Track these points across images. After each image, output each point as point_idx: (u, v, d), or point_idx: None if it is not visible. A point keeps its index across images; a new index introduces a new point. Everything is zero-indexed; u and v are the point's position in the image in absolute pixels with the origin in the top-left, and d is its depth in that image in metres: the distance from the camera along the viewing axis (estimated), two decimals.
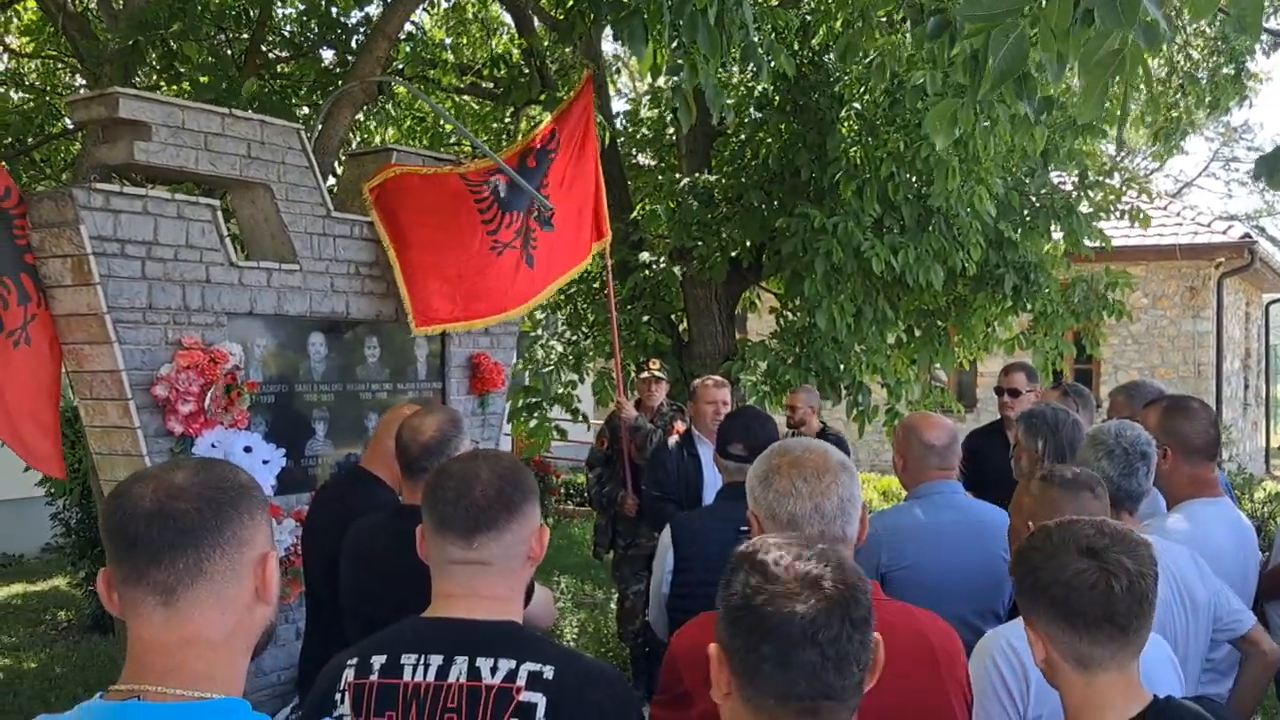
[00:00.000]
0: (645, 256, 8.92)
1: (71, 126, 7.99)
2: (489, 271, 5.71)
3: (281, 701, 4.89)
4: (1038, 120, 3.86)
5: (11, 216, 4.40)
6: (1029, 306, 8.84)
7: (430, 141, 10.36)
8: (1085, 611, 1.89)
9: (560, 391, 9.14)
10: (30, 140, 8.25)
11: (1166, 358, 16.86)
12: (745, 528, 3.44)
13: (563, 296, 9.90)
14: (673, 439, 6.13)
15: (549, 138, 6.19)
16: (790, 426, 6.78)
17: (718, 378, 6.28)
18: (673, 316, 9.34)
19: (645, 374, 6.97)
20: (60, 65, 9.09)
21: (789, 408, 7.05)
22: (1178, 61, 10.49)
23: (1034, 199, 8.89)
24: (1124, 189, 9.54)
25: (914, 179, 7.71)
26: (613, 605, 7.91)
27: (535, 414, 9.02)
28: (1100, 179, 9.38)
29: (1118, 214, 9.48)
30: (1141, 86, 10.37)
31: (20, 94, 8.95)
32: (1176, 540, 3.16)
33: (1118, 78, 2.85)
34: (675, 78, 5.21)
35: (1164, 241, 16.06)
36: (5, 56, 8.94)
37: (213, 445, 4.54)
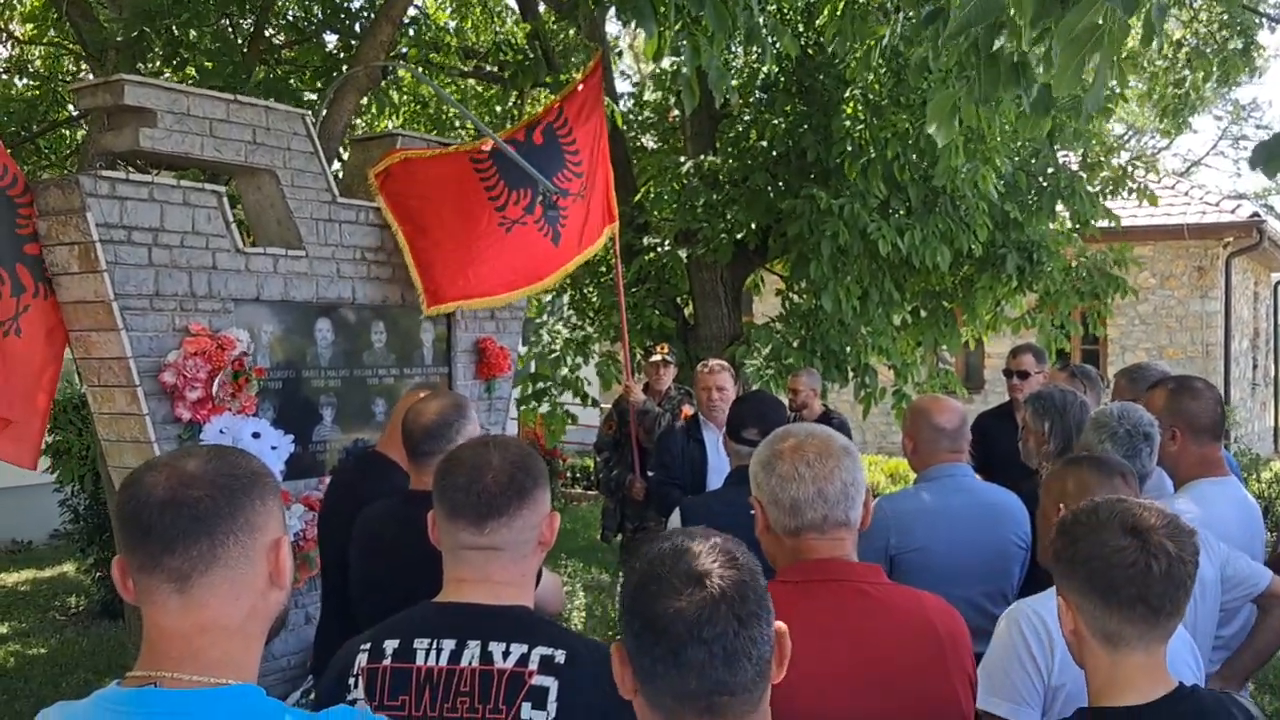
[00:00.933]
0: (650, 239, 8.91)
1: (76, 114, 7.98)
2: (499, 248, 5.71)
3: (291, 686, 4.91)
4: (1045, 111, 3.81)
5: (16, 204, 4.40)
6: (1033, 287, 8.82)
7: (433, 127, 10.34)
8: (1120, 589, 1.88)
9: (568, 376, 9.15)
10: (35, 128, 8.25)
11: (1174, 338, 16.82)
12: (754, 511, 3.46)
13: (568, 281, 9.91)
14: (680, 423, 6.13)
15: (556, 113, 6.18)
16: (792, 410, 6.76)
17: (717, 361, 6.25)
18: (678, 299, 9.34)
19: (654, 358, 6.97)
20: (64, 52, 9.07)
21: (791, 391, 7.04)
22: (1185, 36, 10.43)
23: (1041, 179, 8.87)
24: (1131, 168, 9.51)
25: (919, 159, 7.69)
26: (620, 588, 7.94)
27: (544, 399, 9.03)
28: (1102, 159, 9.35)
29: (1125, 193, 9.45)
30: (1145, 64, 10.33)
31: (24, 81, 8.94)
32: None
33: (1097, 54, 2.82)
34: (678, 59, 5.17)
35: (1172, 221, 15.99)
36: (9, 44, 8.92)
37: (221, 431, 4.55)
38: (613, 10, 5.90)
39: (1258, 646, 3.27)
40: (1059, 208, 8.94)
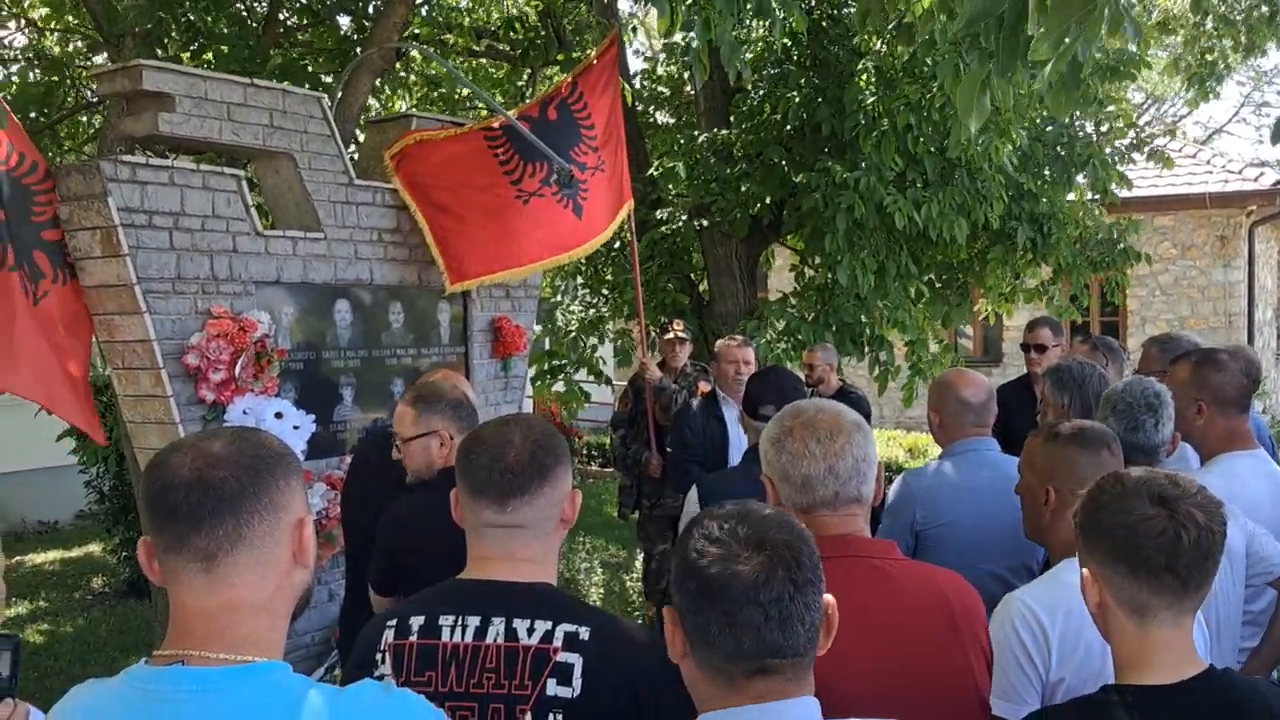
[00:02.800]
0: (663, 214, 8.89)
1: (94, 99, 8.01)
2: (518, 221, 5.71)
3: (316, 662, 4.98)
4: (1075, 87, 3.74)
5: (34, 192, 4.43)
6: (1046, 259, 8.77)
7: (447, 107, 10.33)
8: (1149, 558, 1.85)
9: (584, 353, 9.16)
10: (53, 114, 8.28)
11: (1196, 308, 16.69)
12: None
13: (582, 259, 9.92)
14: (696, 400, 6.13)
15: (570, 88, 6.17)
16: (809, 385, 6.73)
17: (741, 337, 6.24)
18: (692, 275, 9.32)
19: (669, 334, 6.96)
20: (82, 38, 9.10)
21: (806, 366, 7.00)
22: (1214, 3, 10.28)
23: (1058, 149, 8.80)
24: (1147, 135, 9.41)
25: (932, 130, 7.63)
26: (638, 564, 7.98)
27: (559, 376, 9.04)
28: (1116, 125, 9.26)
29: (1142, 156, 9.37)
30: (1180, 31, 10.20)
31: (43, 68, 8.97)
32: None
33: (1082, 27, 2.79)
34: (689, 34, 5.13)
35: (1193, 190, 15.83)
36: (27, 31, 8.94)
37: (244, 412, 4.60)
38: None
39: (1277, 635, 3.20)
40: (1079, 179, 8.87)
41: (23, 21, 8.65)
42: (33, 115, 7.67)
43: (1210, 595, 1.94)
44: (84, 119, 9.06)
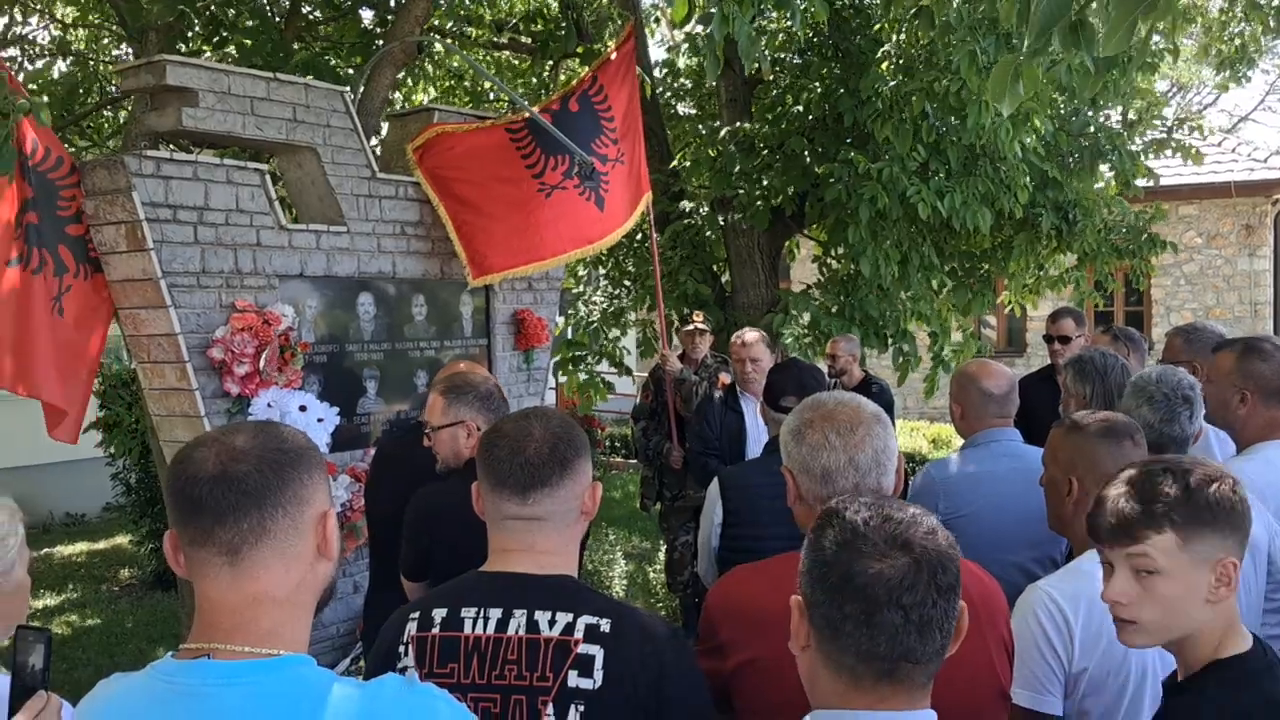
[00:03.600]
0: (685, 206, 8.88)
1: (117, 94, 8.07)
2: (540, 214, 5.72)
3: (341, 653, 5.02)
4: (1108, 69, 3.69)
5: (59, 187, 4.47)
6: (1071, 247, 8.71)
7: (468, 100, 10.35)
8: None
9: (606, 346, 9.17)
10: (77, 109, 8.35)
11: (1222, 298, 16.56)
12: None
13: (604, 252, 9.93)
14: (718, 391, 6.12)
15: (590, 81, 6.19)
16: (831, 376, 6.71)
17: (753, 332, 6.08)
18: (714, 267, 9.31)
19: (689, 326, 6.95)
20: (105, 33, 9.16)
21: (829, 357, 7.00)
22: None
23: (1082, 139, 8.74)
24: (1175, 126, 9.34)
25: (949, 116, 7.57)
26: (661, 556, 7.98)
27: (580, 367, 9.05)
28: (1141, 116, 9.18)
29: (1170, 152, 9.30)
30: (1200, 17, 10.10)
31: (67, 63, 9.04)
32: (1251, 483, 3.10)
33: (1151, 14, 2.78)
34: (705, 27, 5.09)
35: (1218, 179, 15.70)
36: (51, 27, 9.02)
37: (269, 405, 4.63)
38: None
39: None
40: (1103, 168, 8.81)
41: (48, 17, 8.71)
42: (58, 111, 7.72)
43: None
44: (109, 114, 9.12)
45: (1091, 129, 8.73)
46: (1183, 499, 1.91)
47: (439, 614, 2.03)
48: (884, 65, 7.66)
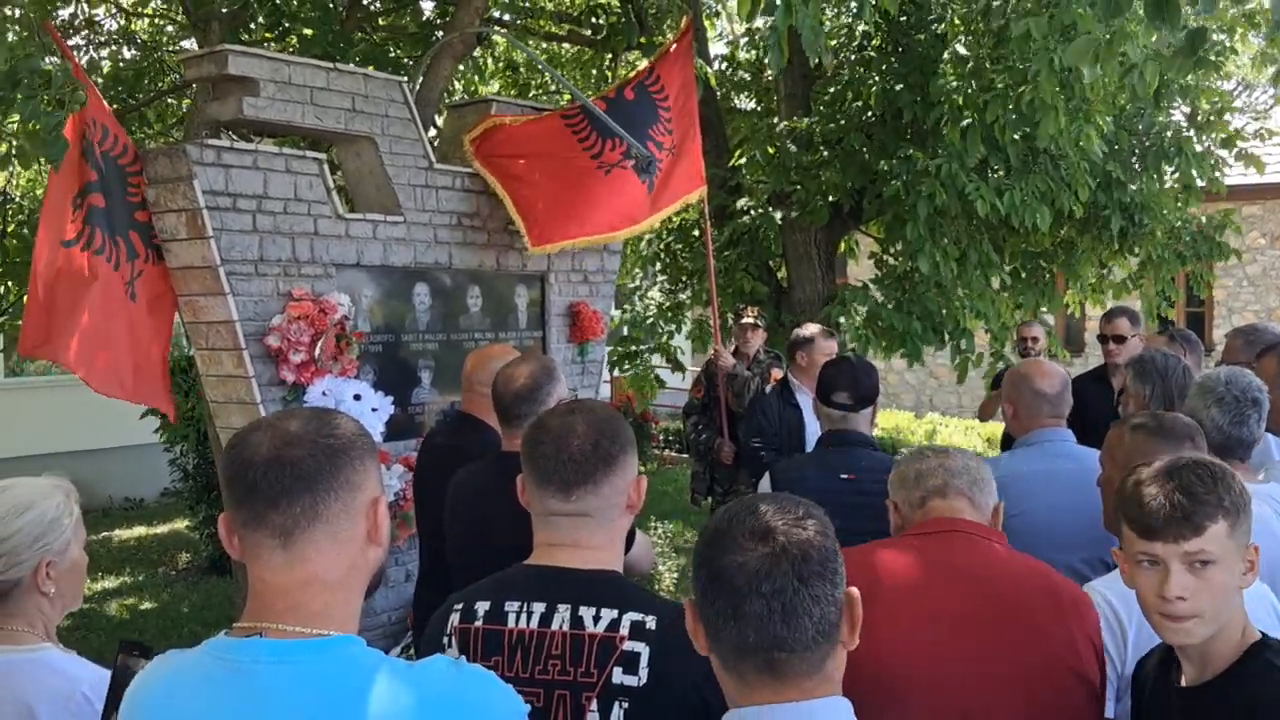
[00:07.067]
0: (743, 202, 8.84)
1: (180, 83, 8.19)
2: (599, 189, 5.70)
3: (393, 641, 5.05)
4: (1193, 53, 3.60)
5: (127, 174, 4.54)
6: (1135, 250, 8.57)
7: (526, 91, 10.38)
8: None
9: (661, 340, 9.17)
10: (141, 97, 8.48)
11: None
12: (846, 475, 3.44)
13: (661, 246, 9.90)
14: (770, 387, 6.08)
15: (649, 72, 6.18)
16: (1022, 356, 6.97)
17: (819, 328, 6.03)
18: (770, 263, 9.27)
19: (742, 321, 6.93)
20: (169, 22, 9.30)
21: (1020, 339, 7.27)
22: None
23: (1145, 139, 8.57)
24: (1240, 133, 9.10)
25: (1019, 121, 7.47)
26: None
27: (636, 362, 9.06)
28: (1212, 118, 8.97)
29: (1232, 158, 9.10)
30: (1263, 24, 9.87)
31: (131, 51, 9.19)
32: None
33: None
34: (770, 18, 5.05)
35: None
36: (117, 15, 9.17)
37: (324, 393, 4.67)
38: None
39: None
40: (1166, 169, 8.64)
41: (114, 7, 8.86)
42: (124, 97, 7.86)
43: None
44: (172, 101, 9.26)
45: (1155, 129, 8.56)
46: (1226, 487, 1.93)
47: (482, 607, 2.03)
48: (951, 67, 7.57)
